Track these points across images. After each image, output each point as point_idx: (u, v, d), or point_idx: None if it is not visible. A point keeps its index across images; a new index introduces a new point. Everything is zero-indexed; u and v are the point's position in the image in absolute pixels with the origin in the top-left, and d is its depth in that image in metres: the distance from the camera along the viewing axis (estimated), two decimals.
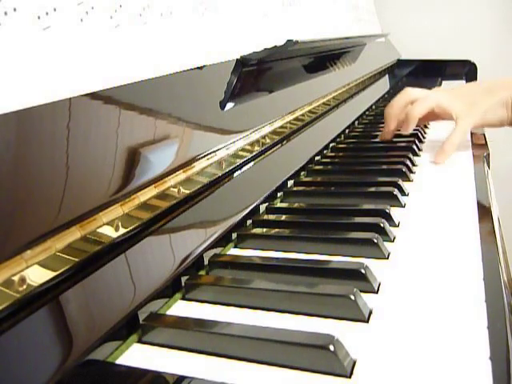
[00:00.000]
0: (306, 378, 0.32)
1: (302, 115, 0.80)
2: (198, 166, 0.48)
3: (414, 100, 0.85)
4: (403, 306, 0.39)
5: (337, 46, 1.02)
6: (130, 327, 0.37)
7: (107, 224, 0.36)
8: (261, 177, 0.62)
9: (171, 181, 0.44)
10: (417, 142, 0.90)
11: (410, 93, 0.86)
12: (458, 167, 0.77)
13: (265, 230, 0.55)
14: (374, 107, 1.33)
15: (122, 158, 0.40)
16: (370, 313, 0.38)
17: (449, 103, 0.83)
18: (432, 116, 0.87)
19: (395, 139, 0.94)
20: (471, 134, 0.94)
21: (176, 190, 0.44)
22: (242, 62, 0.62)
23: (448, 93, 0.87)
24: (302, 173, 0.76)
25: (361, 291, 0.39)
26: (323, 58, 1.01)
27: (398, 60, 1.91)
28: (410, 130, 0.84)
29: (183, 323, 0.37)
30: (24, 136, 0.33)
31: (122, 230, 0.38)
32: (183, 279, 0.43)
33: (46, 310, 0.31)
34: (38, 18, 0.36)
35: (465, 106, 0.83)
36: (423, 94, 0.86)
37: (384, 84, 1.59)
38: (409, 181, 0.71)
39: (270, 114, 0.69)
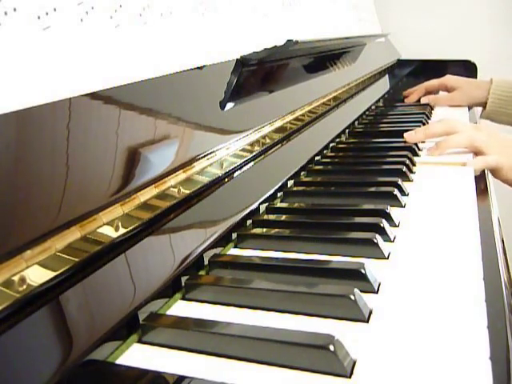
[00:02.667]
0: (305, 378, 0.32)
1: (302, 115, 0.80)
2: (198, 166, 0.48)
3: (453, 132, 0.86)
4: (403, 306, 0.39)
5: (337, 46, 1.02)
6: (130, 327, 0.37)
7: (107, 224, 0.36)
8: (261, 177, 0.62)
9: (171, 181, 0.44)
10: None
11: (452, 124, 0.88)
12: (458, 167, 0.77)
13: (265, 229, 0.55)
14: (373, 107, 1.33)
15: (122, 157, 0.40)
16: (370, 313, 0.38)
17: (485, 144, 0.83)
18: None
19: (395, 139, 0.94)
20: None
21: (176, 189, 0.44)
22: (242, 62, 0.62)
23: (488, 135, 0.87)
24: (302, 173, 0.76)
25: (361, 291, 0.39)
26: (323, 58, 1.01)
27: (398, 60, 1.91)
28: (436, 156, 0.85)
29: (183, 323, 0.37)
30: (24, 136, 0.33)
31: (122, 230, 0.38)
32: (183, 279, 0.43)
33: (45, 309, 0.31)
34: (38, 18, 0.36)
35: (500, 151, 0.83)
36: (464, 128, 0.87)
37: (384, 84, 1.59)
38: (409, 181, 0.71)
39: (270, 114, 0.69)
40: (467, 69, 1.83)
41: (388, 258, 0.48)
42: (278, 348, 0.33)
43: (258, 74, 0.70)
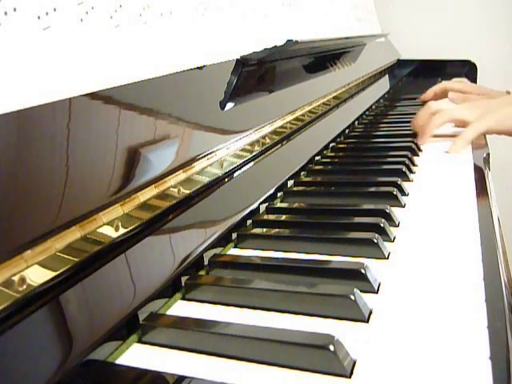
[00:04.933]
0: (305, 378, 0.32)
1: (302, 115, 0.80)
2: (198, 165, 0.48)
3: (435, 112, 0.89)
4: (403, 306, 0.39)
5: (337, 46, 1.02)
6: (130, 327, 0.37)
7: (107, 224, 0.36)
8: (261, 177, 0.62)
9: (171, 181, 0.44)
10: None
11: (431, 106, 0.91)
12: (458, 167, 0.77)
13: (265, 229, 0.55)
14: (373, 107, 1.33)
15: (122, 157, 0.40)
16: (370, 313, 0.38)
17: (464, 114, 0.87)
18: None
19: (395, 139, 0.94)
20: None
21: (176, 190, 0.44)
22: (242, 62, 0.62)
23: (468, 104, 0.91)
24: (302, 173, 0.76)
25: (361, 291, 0.39)
26: (323, 57, 1.01)
27: (398, 60, 1.91)
28: (424, 143, 0.89)
29: (183, 323, 0.37)
30: (24, 136, 0.33)
31: (122, 230, 0.38)
32: (183, 279, 0.43)
33: (46, 309, 0.31)
34: (38, 18, 0.36)
35: (481, 114, 0.86)
36: (442, 107, 0.90)
37: (384, 84, 1.59)
38: (409, 181, 0.71)
39: (270, 113, 0.69)
40: (467, 69, 1.83)
41: (388, 258, 0.48)
42: (277, 348, 0.33)
43: (257, 74, 0.70)
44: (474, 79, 1.81)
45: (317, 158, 0.84)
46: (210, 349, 0.35)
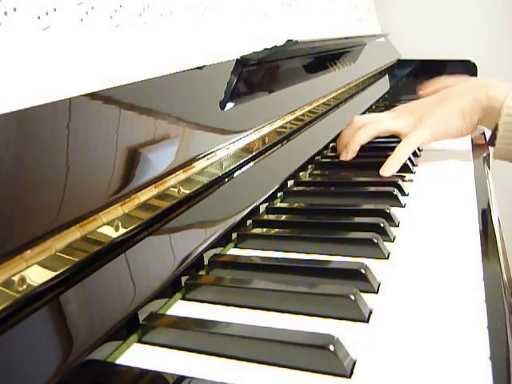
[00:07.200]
0: (305, 378, 0.32)
1: (302, 115, 0.80)
2: (198, 166, 0.48)
3: (361, 127, 0.81)
4: (403, 306, 0.39)
5: (337, 46, 1.02)
6: (130, 327, 0.37)
7: (107, 224, 0.36)
8: (261, 177, 0.62)
9: (171, 181, 0.44)
10: None
11: (355, 121, 0.83)
12: (458, 167, 0.77)
13: (265, 229, 0.55)
14: (374, 107, 1.33)
15: (121, 157, 0.40)
16: (370, 313, 0.38)
17: (394, 124, 0.79)
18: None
19: (395, 139, 0.94)
20: None
21: (176, 189, 0.44)
22: (242, 62, 0.62)
23: (395, 112, 0.83)
24: (302, 173, 0.76)
25: (361, 291, 0.39)
26: (323, 58, 1.01)
27: (398, 60, 1.90)
28: (348, 158, 0.80)
29: (183, 323, 0.37)
30: (24, 136, 0.33)
31: (122, 230, 0.38)
32: (183, 279, 0.43)
33: (46, 310, 0.31)
34: (38, 18, 0.36)
35: (412, 122, 0.78)
36: (368, 120, 0.82)
37: (384, 84, 1.59)
38: (409, 181, 0.71)
39: (270, 113, 0.69)
40: (467, 69, 1.83)
41: (388, 258, 0.48)
42: (277, 348, 0.33)
43: (257, 74, 0.70)
44: None
45: (317, 157, 0.84)
46: (210, 349, 0.35)
